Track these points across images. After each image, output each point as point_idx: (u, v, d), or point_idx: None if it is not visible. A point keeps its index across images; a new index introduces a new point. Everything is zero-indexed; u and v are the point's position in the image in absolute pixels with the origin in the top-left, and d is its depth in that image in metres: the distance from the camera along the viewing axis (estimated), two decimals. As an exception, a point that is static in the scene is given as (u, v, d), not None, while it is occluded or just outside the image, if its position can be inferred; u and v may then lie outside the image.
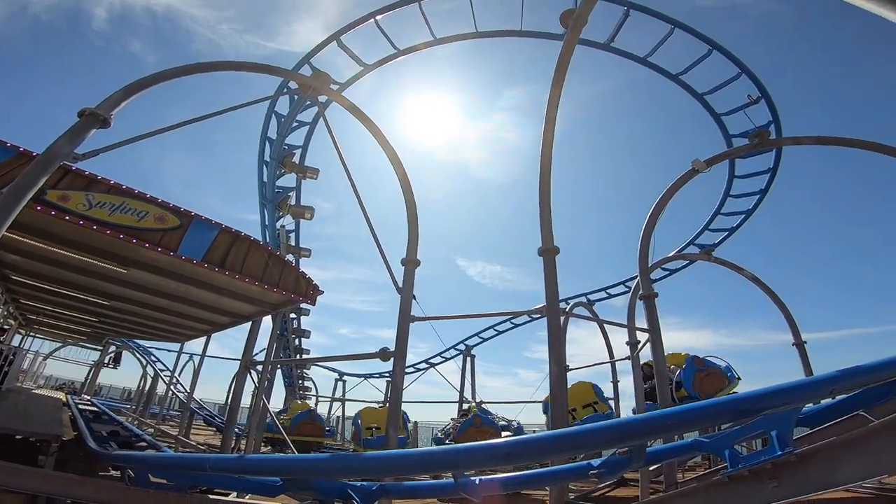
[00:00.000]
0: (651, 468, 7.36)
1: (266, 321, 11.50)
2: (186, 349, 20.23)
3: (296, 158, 15.49)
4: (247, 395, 14.88)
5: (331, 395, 27.59)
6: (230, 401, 18.12)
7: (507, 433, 13.74)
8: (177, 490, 5.59)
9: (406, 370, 7.34)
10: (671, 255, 16.17)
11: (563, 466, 4.26)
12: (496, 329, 23.68)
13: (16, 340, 20.18)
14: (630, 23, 11.54)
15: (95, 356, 26.56)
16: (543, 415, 12.24)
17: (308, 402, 23.41)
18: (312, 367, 28.43)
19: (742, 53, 11.42)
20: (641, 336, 8.74)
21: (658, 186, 9.66)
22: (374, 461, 4.24)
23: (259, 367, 11.46)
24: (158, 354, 26.17)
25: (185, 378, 23.28)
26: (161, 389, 24.56)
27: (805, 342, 12.60)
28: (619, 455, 3.39)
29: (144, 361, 26.84)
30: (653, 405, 6.36)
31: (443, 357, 24.94)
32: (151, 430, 16.09)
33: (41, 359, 27.63)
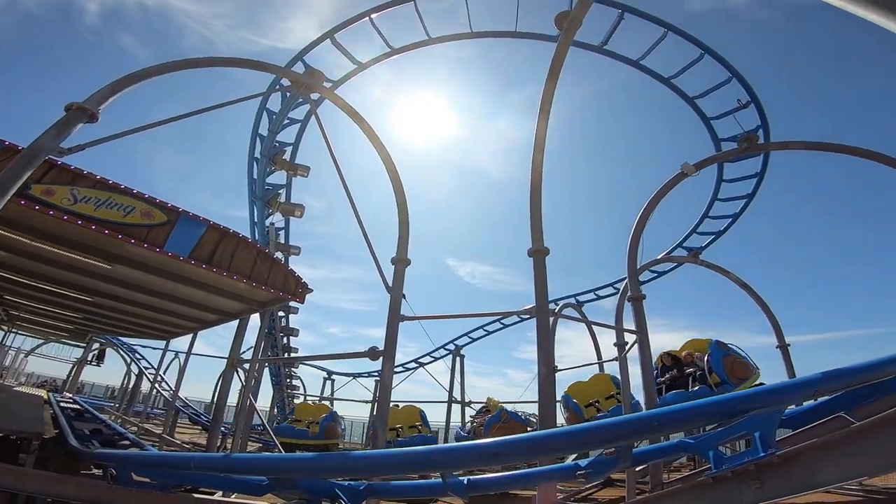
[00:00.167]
0: (637, 469, 7.42)
1: (254, 319, 11.41)
2: (172, 347, 20.04)
3: (287, 156, 15.36)
4: (233, 394, 14.78)
5: (319, 395, 27.43)
6: (216, 399, 17.96)
7: (530, 428, 13.48)
8: (160, 489, 5.52)
9: (395, 370, 7.33)
10: (659, 258, 16.33)
11: (551, 467, 4.28)
12: (486, 329, 23.71)
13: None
14: (623, 25, 11.63)
15: (78, 353, 26.13)
16: (565, 410, 12.15)
17: (325, 403, 22.61)
18: (301, 366, 28.26)
19: (734, 58, 11.56)
20: (629, 337, 8.81)
21: (647, 188, 9.75)
22: (362, 461, 4.22)
23: (246, 366, 11.36)
24: (143, 352, 25.90)
25: (171, 376, 23.08)
26: (146, 387, 24.26)
27: (788, 345, 12.82)
28: (606, 456, 3.42)
29: (129, 359, 26.51)
30: (676, 396, 6.15)
31: (432, 357, 24.92)
32: (135, 429, 15.85)
33: (23, 356, 27.12)
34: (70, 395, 19.70)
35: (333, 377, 27.63)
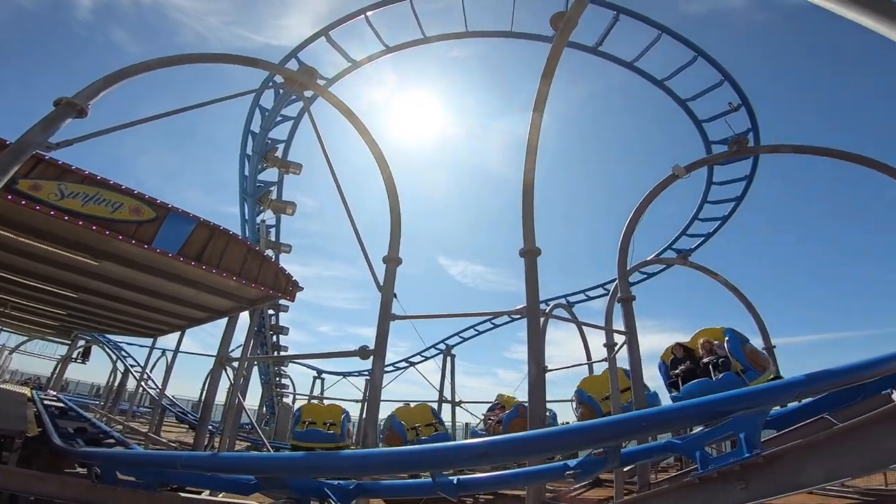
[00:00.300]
0: (625, 469, 7.48)
1: (243, 317, 11.32)
2: (159, 344, 19.80)
3: (279, 153, 15.25)
4: (221, 392, 14.61)
5: (308, 393, 27.27)
6: (205, 398, 17.78)
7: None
8: (146, 488, 5.46)
9: (385, 369, 7.32)
10: (649, 259, 16.45)
11: (540, 467, 4.29)
12: (476, 329, 23.74)
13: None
14: (619, 26, 11.69)
15: (63, 350, 25.76)
16: (579, 405, 12.11)
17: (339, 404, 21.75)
18: (290, 365, 28.09)
19: (730, 60, 11.69)
20: (619, 338, 8.89)
21: (640, 189, 9.83)
22: (351, 460, 4.21)
23: (235, 364, 11.27)
24: (129, 349, 25.56)
25: (157, 374, 22.83)
26: (132, 385, 23.97)
27: (774, 346, 13.02)
28: (595, 456, 3.43)
29: (115, 356, 26.17)
30: (700, 386, 6.01)
31: (423, 356, 24.86)
32: (120, 427, 15.64)
33: (6, 353, 26.69)
34: (54, 393, 19.44)
35: (323, 376, 27.50)
